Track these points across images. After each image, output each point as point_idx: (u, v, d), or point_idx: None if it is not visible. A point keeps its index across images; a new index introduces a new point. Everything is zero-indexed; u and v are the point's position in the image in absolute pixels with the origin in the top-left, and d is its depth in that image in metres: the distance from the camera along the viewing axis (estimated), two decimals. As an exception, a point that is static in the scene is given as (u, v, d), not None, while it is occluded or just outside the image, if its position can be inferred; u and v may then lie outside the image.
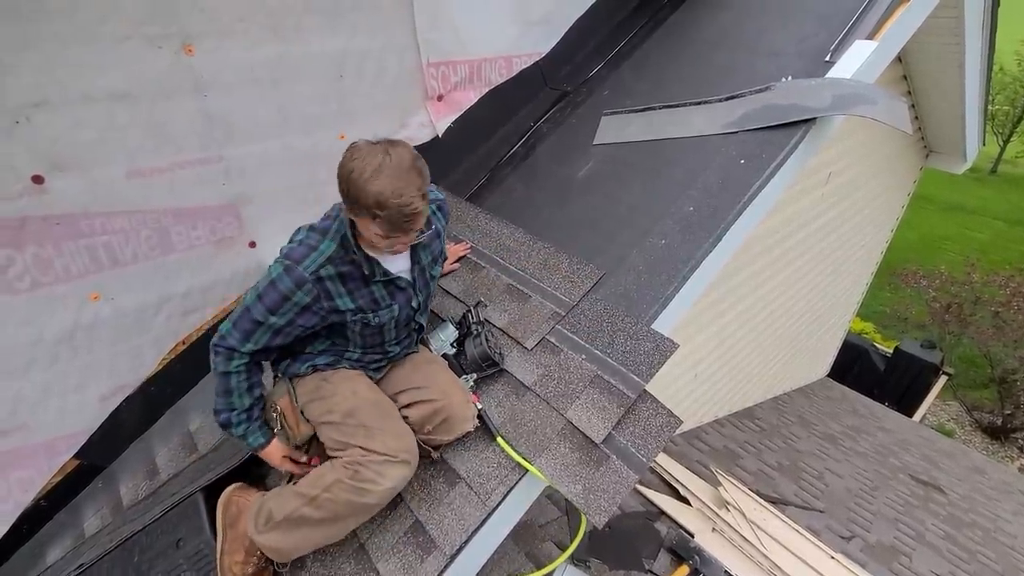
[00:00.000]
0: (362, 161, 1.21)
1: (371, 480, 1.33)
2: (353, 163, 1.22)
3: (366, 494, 1.34)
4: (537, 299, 1.80)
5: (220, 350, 1.41)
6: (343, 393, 1.46)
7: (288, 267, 1.34)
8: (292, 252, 1.37)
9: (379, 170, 1.20)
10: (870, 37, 2.09)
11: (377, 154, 1.21)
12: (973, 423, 11.27)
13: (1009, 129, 24.56)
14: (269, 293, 1.35)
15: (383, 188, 1.19)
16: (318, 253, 1.36)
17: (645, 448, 1.42)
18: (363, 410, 1.44)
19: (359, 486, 1.33)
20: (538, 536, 2.32)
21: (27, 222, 1.52)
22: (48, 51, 1.41)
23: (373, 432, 1.39)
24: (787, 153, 1.84)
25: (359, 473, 1.33)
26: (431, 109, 2.27)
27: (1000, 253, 17.71)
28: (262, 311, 1.36)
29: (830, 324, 6.32)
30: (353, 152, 1.24)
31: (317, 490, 1.36)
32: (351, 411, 1.43)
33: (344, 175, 1.23)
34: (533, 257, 1.92)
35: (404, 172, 1.22)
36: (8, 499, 1.75)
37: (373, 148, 1.23)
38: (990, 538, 4.05)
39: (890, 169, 5.05)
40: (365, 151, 1.23)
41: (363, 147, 1.24)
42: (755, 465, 3.91)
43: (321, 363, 1.52)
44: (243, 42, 1.71)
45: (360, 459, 1.34)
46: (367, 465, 1.34)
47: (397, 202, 1.21)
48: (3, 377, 1.62)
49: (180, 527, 1.54)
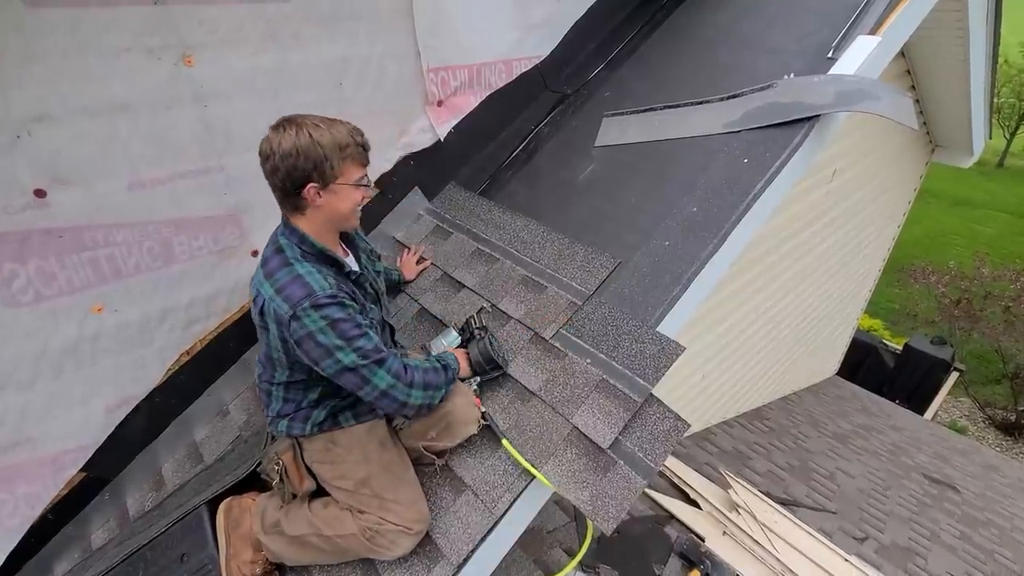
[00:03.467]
0: (300, 132, 1.21)
1: (385, 547, 1.39)
2: (296, 139, 1.20)
3: (377, 554, 1.40)
4: (553, 289, 1.80)
5: (393, 388, 1.28)
6: (354, 459, 1.43)
7: (314, 303, 1.21)
8: (294, 295, 1.22)
9: (316, 127, 1.22)
10: (873, 32, 2.07)
11: (295, 124, 1.23)
12: (986, 419, 11.13)
13: (1015, 122, 24.38)
14: (335, 326, 1.22)
15: (337, 131, 1.24)
16: (307, 275, 1.25)
17: (653, 453, 1.40)
18: (376, 479, 1.42)
19: (373, 547, 1.39)
20: (546, 542, 2.30)
21: (30, 235, 1.52)
22: (49, 64, 1.42)
23: (387, 504, 1.40)
24: (791, 151, 1.82)
25: (375, 539, 1.38)
26: (432, 114, 2.27)
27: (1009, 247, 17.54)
28: (350, 328, 1.23)
29: (838, 321, 6.27)
30: (279, 138, 1.22)
31: (331, 532, 1.41)
32: (364, 480, 1.42)
33: (295, 151, 1.20)
34: (548, 248, 1.93)
35: (327, 119, 1.26)
36: (15, 515, 1.75)
37: (288, 124, 1.24)
38: (1007, 537, 3.99)
39: (896, 164, 5.01)
40: (287, 130, 1.22)
41: (281, 130, 1.23)
42: (765, 466, 3.87)
43: (322, 417, 1.43)
44: (242, 51, 1.71)
45: (377, 527, 1.37)
46: (383, 534, 1.38)
47: (353, 134, 1.26)
48: (8, 390, 1.62)
49: (184, 541, 1.53)
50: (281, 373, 1.39)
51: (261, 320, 1.30)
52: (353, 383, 1.26)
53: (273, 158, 1.23)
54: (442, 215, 2.27)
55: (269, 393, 1.46)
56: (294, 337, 1.23)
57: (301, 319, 1.21)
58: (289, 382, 1.40)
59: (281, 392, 1.42)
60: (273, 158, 1.23)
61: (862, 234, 5.18)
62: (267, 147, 1.24)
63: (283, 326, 1.23)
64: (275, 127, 1.25)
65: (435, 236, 2.22)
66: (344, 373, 1.25)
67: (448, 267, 2.05)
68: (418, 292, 2.05)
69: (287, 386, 1.41)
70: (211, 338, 2.01)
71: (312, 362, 1.26)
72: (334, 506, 1.45)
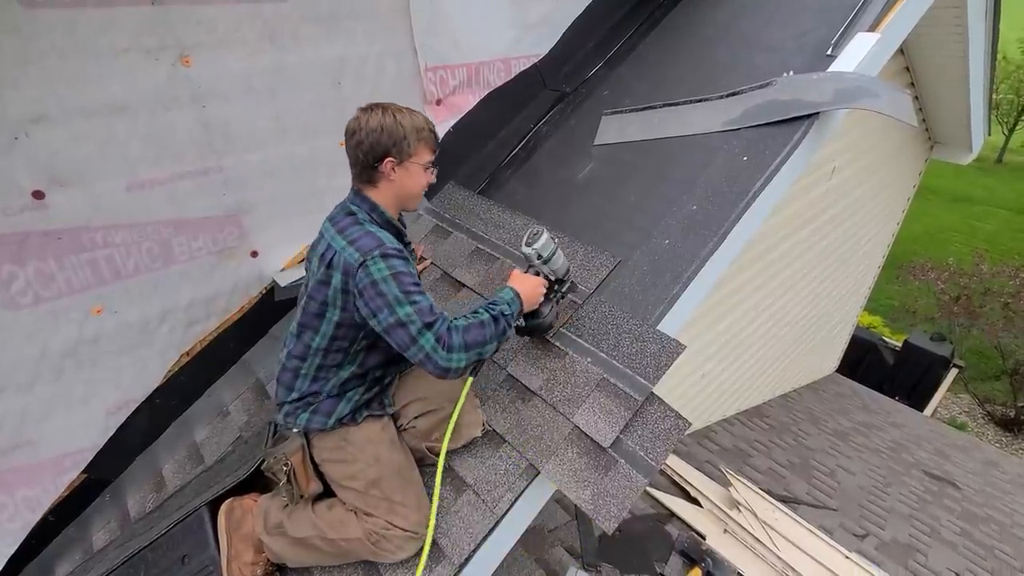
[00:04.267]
0: (385, 113, 1.37)
1: (390, 551, 1.40)
2: (382, 118, 1.36)
3: (381, 557, 1.41)
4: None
5: (435, 353, 1.29)
6: (366, 459, 1.44)
7: (383, 252, 1.30)
8: (366, 245, 1.31)
9: (400, 111, 1.39)
10: (872, 29, 2.06)
11: (381, 107, 1.39)
12: (985, 416, 11.15)
13: (1014, 118, 24.37)
14: (398, 278, 1.29)
15: (416, 117, 1.41)
16: (377, 232, 1.36)
17: (654, 452, 1.40)
18: (386, 480, 1.43)
19: (377, 551, 1.40)
20: (548, 541, 2.30)
21: (28, 237, 1.52)
22: (46, 65, 1.42)
23: (396, 507, 1.41)
24: (790, 149, 1.82)
25: (380, 543, 1.39)
26: (430, 113, 2.26)
27: (1008, 243, 17.56)
28: (410, 283, 1.30)
29: (838, 319, 6.27)
30: (367, 116, 1.37)
31: (335, 535, 1.41)
32: (374, 481, 1.42)
33: (380, 127, 1.35)
34: None
35: (408, 108, 1.42)
36: (15, 518, 1.75)
37: (375, 107, 1.39)
38: (1007, 533, 4.00)
39: (895, 162, 5.01)
40: (375, 111, 1.37)
41: (369, 111, 1.38)
42: (765, 464, 3.87)
43: (347, 411, 1.44)
44: (240, 52, 1.71)
45: (384, 532, 1.38)
46: (390, 539, 1.39)
47: (428, 122, 1.42)
48: (8, 393, 1.62)
49: (185, 543, 1.53)
50: (321, 339, 1.39)
51: (326, 272, 1.35)
52: (402, 340, 1.30)
53: (359, 133, 1.37)
54: (441, 214, 2.27)
55: (296, 372, 1.44)
56: (359, 285, 1.30)
57: (369, 267, 1.29)
58: (328, 350, 1.40)
59: (312, 369, 1.43)
60: (359, 133, 1.37)
61: (861, 231, 5.18)
62: (355, 124, 1.38)
63: (350, 275, 1.31)
64: (364, 109, 1.40)
65: (434, 235, 2.22)
66: (396, 329, 1.29)
67: (448, 266, 2.05)
68: (418, 292, 2.05)
69: (324, 354, 1.41)
70: (211, 339, 2.01)
71: (370, 313, 1.30)
72: (339, 508, 1.45)
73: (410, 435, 1.54)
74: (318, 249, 1.40)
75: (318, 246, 1.40)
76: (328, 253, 1.35)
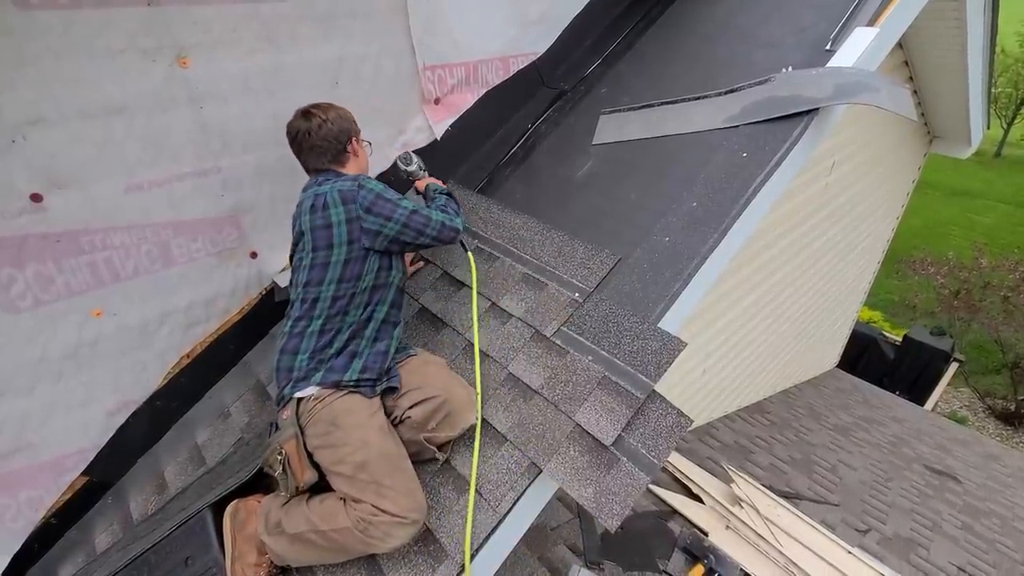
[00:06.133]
0: (330, 107, 1.68)
1: (379, 538, 1.37)
2: (335, 110, 1.68)
3: (372, 546, 1.38)
4: (554, 287, 1.79)
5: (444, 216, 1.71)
6: (354, 443, 1.43)
7: (368, 177, 1.62)
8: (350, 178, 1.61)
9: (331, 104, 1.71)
10: (870, 24, 2.06)
11: (320, 105, 1.69)
12: (986, 410, 11.16)
13: (1012, 111, 24.35)
14: (388, 190, 1.61)
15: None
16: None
17: (656, 449, 1.40)
18: (374, 464, 1.41)
19: (367, 539, 1.37)
20: (550, 539, 2.31)
21: (27, 240, 1.51)
22: (43, 67, 1.41)
23: (384, 491, 1.39)
24: (790, 145, 1.81)
25: (368, 530, 1.36)
26: (429, 113, 2.26)
27: (1007, 236, 17.55)
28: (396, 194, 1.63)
29: (838, 314, 6.27)
30: (319, 111, 1.65)
31: (326, 526, 1.40)
32: (362, 465, 1.41)
33: (339, 116, 1.67)
34: (547, 246, 1.92)
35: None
36: (18, 518, 1.74)
37: (315, 106, 1.68)
38: (1008, 527, 4.00)
39: (894, 156, 5.01)
40: (319, 107, 1.67)
41: (314, 109, 1.66)
42: (767, 460, 3.87)
43: (356, 373, 1.53)
44: (237, 52, 1.70)
45: (371, 518, 1.36)
46: (377, 525, 1.36)
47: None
48: (8, 395, 1.62)
49: (188, 545, 1.52)
50: (327, 286, 1.53)
51: (323, 215, 1.53)
52: (420, 223, 1.61)
53: (326, 124, 1.63)
54: (441, 214, 2.26)
55: (302, 334, 1.54)
56: (364, 203, 1.54)
57: (365, 186, 1.56)
58: (334, 296, 1.53)
59: (319, 322, 1.53)
60: (326, 124, 1.63)
61: (861, 226, 5.18)
62: (316, 120, 1.63)
63: (350, 202, 1.53)
64: (304, 112, 1.65)
65: (434, 235, 2.21)
66: (412, 216, 1.59)
67: (447, 266, 2.05)
68: (418, 291, 2.05)
69: (331, 302, 1.53)
70: (211, 340, 2.01)
71: (385, 218, 1.55)
72: (330, 500, 1.44)
73: (406, 427, 1.53)
74: (303, 208, 1.59)
75: (303, 208, 1.59)
76: (319, 201, 1.54)
